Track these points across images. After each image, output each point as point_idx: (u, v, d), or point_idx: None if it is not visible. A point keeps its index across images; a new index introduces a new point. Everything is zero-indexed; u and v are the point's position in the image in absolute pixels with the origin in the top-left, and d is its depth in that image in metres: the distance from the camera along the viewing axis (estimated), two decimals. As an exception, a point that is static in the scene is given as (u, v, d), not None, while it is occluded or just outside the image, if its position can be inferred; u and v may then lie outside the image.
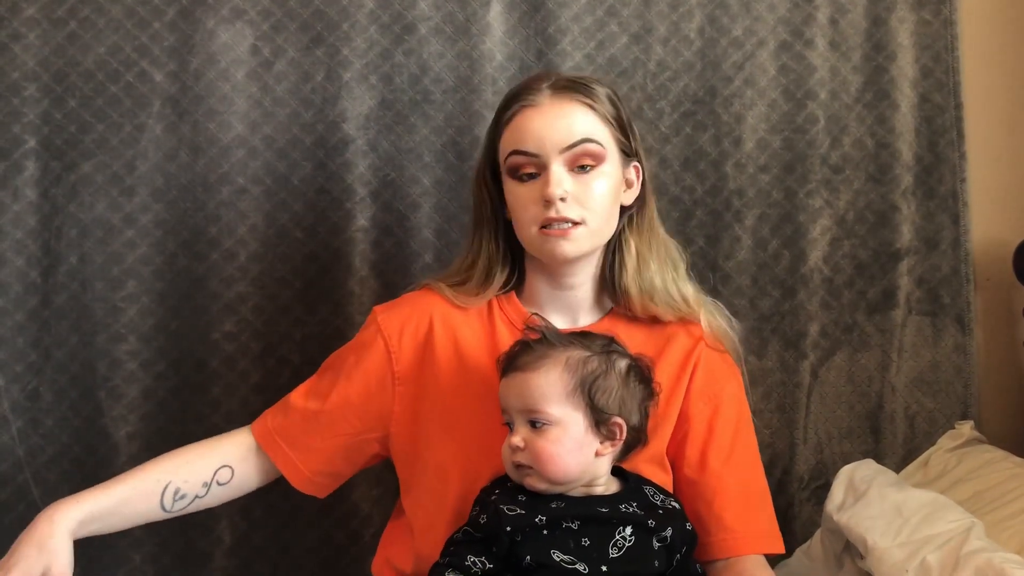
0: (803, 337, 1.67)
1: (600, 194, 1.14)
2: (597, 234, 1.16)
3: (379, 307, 1.25)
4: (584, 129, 1.14)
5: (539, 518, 1.01)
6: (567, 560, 0.99)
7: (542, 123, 1.14)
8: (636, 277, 1.19)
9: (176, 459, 1.18)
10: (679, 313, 1.21)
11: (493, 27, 1.60)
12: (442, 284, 1.24)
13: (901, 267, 1.69)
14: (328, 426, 1.20)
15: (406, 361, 1.20)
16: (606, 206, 1.15)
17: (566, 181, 1.13)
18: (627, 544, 1.02)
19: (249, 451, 1.22)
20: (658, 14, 1.65)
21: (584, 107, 1.15)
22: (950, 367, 1.70)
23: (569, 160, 1.13)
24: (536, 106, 1.15)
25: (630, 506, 1.05)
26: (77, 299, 1.52)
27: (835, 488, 1.43)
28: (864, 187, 1.69)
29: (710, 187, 1.66)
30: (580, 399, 1.04)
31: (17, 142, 1.50)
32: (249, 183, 1.55)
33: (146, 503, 1.15)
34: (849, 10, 1.69)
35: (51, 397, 1.52)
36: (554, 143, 1.13)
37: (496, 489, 1.07)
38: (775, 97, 1.67)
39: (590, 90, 1.16)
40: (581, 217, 1.13)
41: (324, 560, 1.59)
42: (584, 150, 1.13)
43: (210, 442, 1.22)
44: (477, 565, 1.01)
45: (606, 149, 1.15)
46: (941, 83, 1.71)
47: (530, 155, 1.14)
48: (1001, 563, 1.13)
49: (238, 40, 1.55)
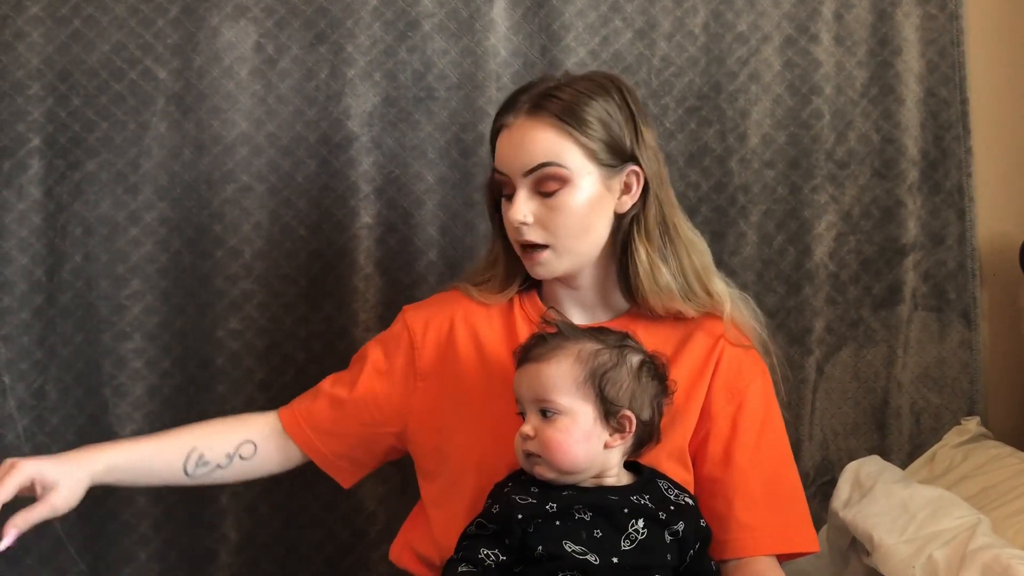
0: (808, 333, 1.67)
1: (566, 216, 1.13)
2: (570, 253, 1.16)
3: (408, 306, 1.28)
4: (546, 152, 1.12)
5: (550, 506, 1.02)
6: (578, 551, 0.99)
7: (509, 145, 1.15)
8: (651, 283, 1.17)
9: (203, 427, 1.21)
10: (703, 309, 1.20)
11: (497, 23, 1.60)
12: (468, 284, 1.26)
13: (907, 263, 1.69)
14: (353, 414, 1.22)
15: (428, 357, 1.22)
16: (576, 226, 1.14)
17: (529, 205, 1.14)
18: (640, 537, 1.02)
19: (274, 431, 1.23)
20: (662, 9, 1.64)
21: (551, 127, 1.13)
22: (956, 363, 1.70)
23: (532, 183, 1.14)
24: (508, 127, 1.16)
25: (642, 498, 1.05)
26: (82, 297, 1.52)
27: (841, 484, 1.42)
28: (869, 182, 1.68)
29: (715, 183, 1.65)
30: (590, 390, 1.04)
31: (21, 140, 1.50)
32: (253, 180, 1.55)
33: (170, 463, 1.17)
34: (854, 5, 1.68)
35: (56, 395, 1.52)
36: (517, 167, 1.14)
37: (509, 482, 1.08)
38: (780, 92, 1.67)
39: (565, 104, 1.13)
40: (545, 240, 1.14)
41: (329, 557, 1.59)
42: (544, 174, 1.12)
43: (237, 417, 1.25)
44: (491, 558, 1.01)
45: (571, 171, 1.12)
46: (947, 78, 1.70)
47: (503, 176, 1.16)
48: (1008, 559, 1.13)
49: (242, 37, 1.55)
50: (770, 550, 1.13)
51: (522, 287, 1.25)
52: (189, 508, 1.55)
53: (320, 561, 1.59)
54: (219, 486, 1.53)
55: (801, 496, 1.19)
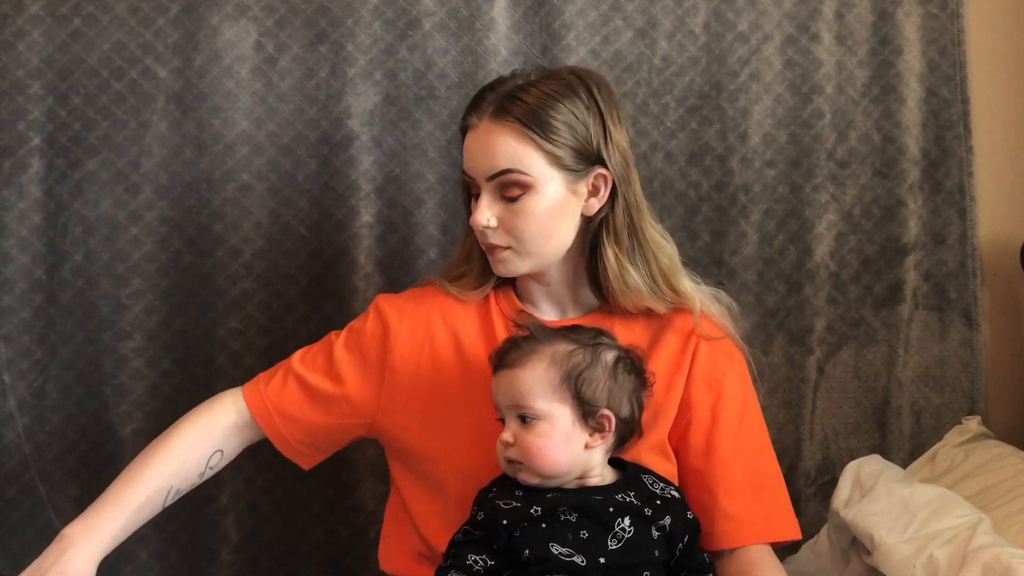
0: (809, 332, 1.66)
1: (528, 221, 1.13)
2: (535, 255, 1.16)
3: (382, 296, 1.27)
4: (508, 158, 1.12)
5: (534, 509, 1.02)
6: (565, 553, 1.00)
7: (474, 148, 1.15)
8: (620, 284, 1.17)
9: (173, 460, 1.16)
10: (672, 305, 1.21)
11: (497, 22, 1.60)
12: (443, 280, 1.26)
13: (908, 262, 1.68)
14: (322, 403, 1.20)
15: (400, 350, 1.20)
16: (538, 229, 1.14)
17: (492, 209, 1.14)
18: (626, 535, 1.02)
19: (237, 427, 1.20)
20: (663, 9, 1.64)
21: (513, 132, 1.12)
22: (957, 362, 1.70)
23: (495, 188, 1.14)
24: (473, 128, 1.16)
25: (627, 495, 1.05)
26: (82, 296, 1.52)
27: (842, 484, 1.42)
28: (870, 182, 1.68)
29: (716, 182, 1.65)
30: (566, 392, 1.04)
31: (22, 140, 1.50)
32: (254, 180, 1.55)
33: (154, 509, 1.17)
34: (855, 4, 1.68)
35: (57, 394, 1.52)
36: (481, 171, 1.14)
37: (494, 487, 1.08)
38: (781, 92, 1.67)
39: (529, 108, 1.12)
40: (507, 243, 1.15)
41: (330, 556, 1.59)
42: (506, 180, 1.13)
43: (199, 426, 1.19)
44: (479, 563, 1.01)
45: (534, 177, 1.12)
46: (948, 77, 1.70)
47: (469, 178, 1.16)
48: (1009, 558, 1.13)
49: (242, 36, 1.55)
50: (756, 539, 1.13)
51: (498, 283, 1.24)
52: (190, 507, 1.54)
53: (321, 560, 1.59)
54: (220, 484, 1.54)
55: (781, 482, 1.20)
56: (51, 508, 1.51)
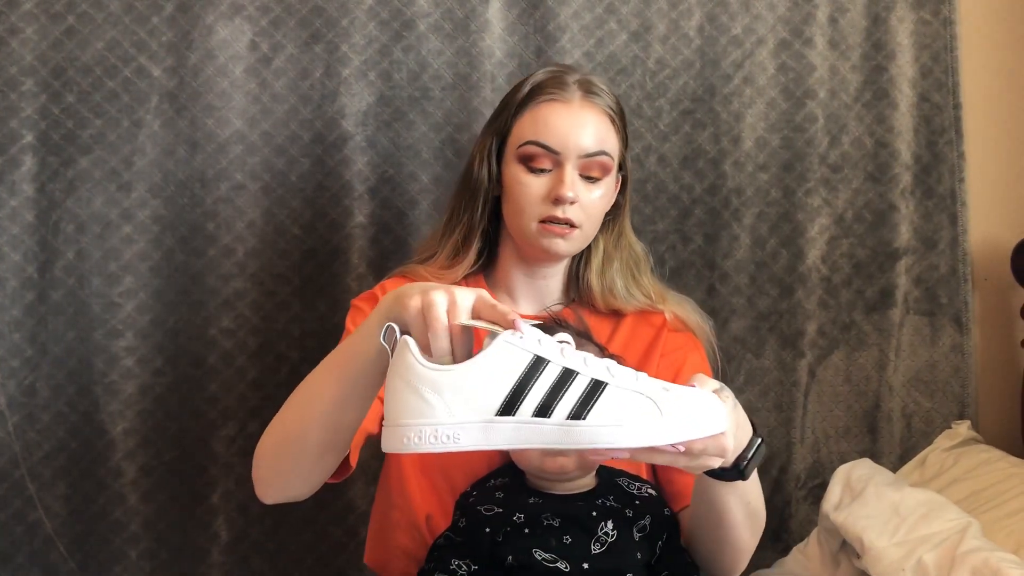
0: (801, 336, 1.67)
1: (599, 204, 1.19)
2: (588, 238, 1.21)
3: (356, 299, 1.24)
4: (603, 140, 1.17)
5: (517, 516, 1.03)
6: (548, 559, 1.00)
7: (570, 123, 1.16)
8: (599, 274, 1.23)
9: None
10: (640, 307, 1.24)
11: (492, 24, 1.60)
12: (413, 265, 1.25)
13: (899, 266, 1.69)
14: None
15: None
16: (600, 215, 1.20)
17: (578, 185, 1.15)
18: (609, 539, 1.03)
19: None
20: (657, 12, 1.64)
21: (607, 118, 1.18)
22: (947, 367, 1.70)
23: (583, 166, 1.16)
24: (567, 103, 1.17)
25: (607, 500, 1.06)
26: (74, 295, 1.51)
27: (832, 487, 1.43)
28: (862, 186, 1.69)
29: (709, 185, 1.65)
30: None
31: (14, 137, 1.50)
32: (247, 179, 1.55)
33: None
34: (848, 9, 1.69)
35: (48, 393, 1.51)
36: (577, 147, 1.15)
37: (474, 492, 1.09)
38: (774, 96, 1.67)
39: (613, 99, 1.20)
40: (580, 222, 1.17)
41: (320, 556, 1.59)
42: (599, 162, 1.17)
43: None
44: (462, 568, 1.02)
45: (614, 165, 1.19)
46: (940, 83, 1.71)
47: (550, 151, 1.16)
48: (997, 562, 1.14)
49: (236, 36, 1.55)
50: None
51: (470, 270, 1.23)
52: (180, 507, 1.54)
53: (311, 560, 1.59)
54: (211, 484, 1.54)
55: None
56: (40, 506, 1.50)
